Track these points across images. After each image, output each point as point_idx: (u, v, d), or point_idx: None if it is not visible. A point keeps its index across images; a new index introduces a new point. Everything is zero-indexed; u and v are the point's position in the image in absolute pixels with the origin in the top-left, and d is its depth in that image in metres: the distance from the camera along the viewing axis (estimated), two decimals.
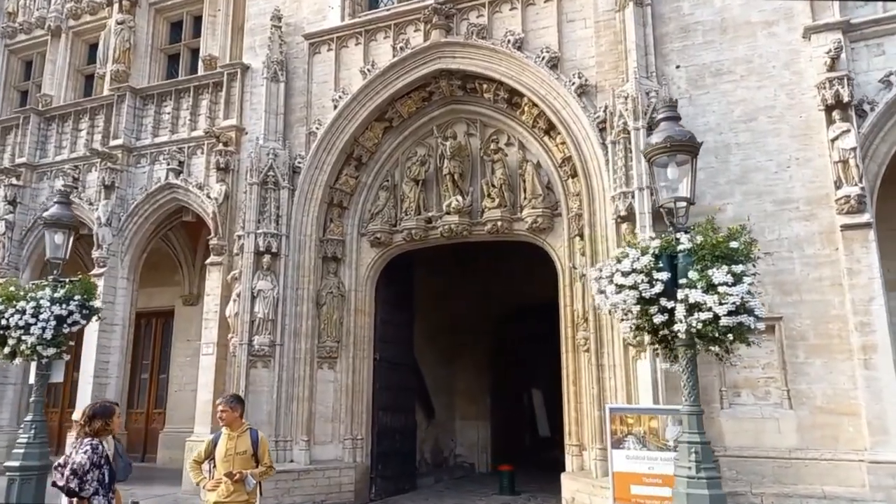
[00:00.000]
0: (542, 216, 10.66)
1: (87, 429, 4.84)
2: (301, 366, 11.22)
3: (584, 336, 9.73)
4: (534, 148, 11.14)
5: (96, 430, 4.84)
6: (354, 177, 12.06)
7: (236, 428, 5.77)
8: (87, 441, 4.77)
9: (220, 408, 5.77)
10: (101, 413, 4.92)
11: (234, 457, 5.65)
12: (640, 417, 8.01)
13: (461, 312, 17.01)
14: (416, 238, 11.56)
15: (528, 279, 16.43)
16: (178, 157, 13.12)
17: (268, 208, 11.45)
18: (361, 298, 11.84)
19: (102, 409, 4.97)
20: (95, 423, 4.85)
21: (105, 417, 4.91)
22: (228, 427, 5.75)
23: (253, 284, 11.08)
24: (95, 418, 4.87)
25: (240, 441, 5.69)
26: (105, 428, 4.90)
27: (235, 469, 5.53)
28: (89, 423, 4.84)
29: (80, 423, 4.93)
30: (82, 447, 4.72)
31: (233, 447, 5.67)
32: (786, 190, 8.87)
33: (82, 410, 5.09)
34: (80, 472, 4.59)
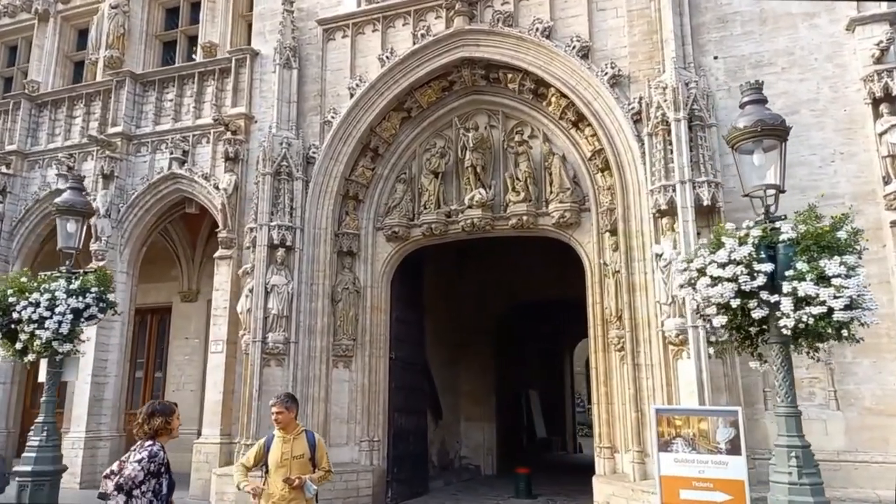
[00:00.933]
0: (570, 211, 10.32)
1: (145, 427, 4.35)
2: (316, 364, 10.73)
3: (617, 335, 9.41)
4: (559, 141, 10.79)
5: (156, 430, 4.35)
6: (371, 168, 11.59)
7: (291, 430, 5.32)
8: (147, 446, 4.28)
9: (274, 409, 5.31)
10: (161, 411, 4.43)
11: (291, 461, 5.21)
12: (689, 419, 7.67)
13: (464, 311, 16.64)
14: (436, 233, 11.14)
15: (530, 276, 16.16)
16: (182, 145, 12.53)
17: (281, 200, 10.93)
18: (377, 295, 11.39)
19: (162, 407, 4.48)
20: (155, 420, 4.36)
21: (165, 416, 4.42)
22: (283, 429, 5.29)
23: (267, 279, 10.56)
24: (155, 416, 4.38)
25: (296, 444, 5.24)
26: (165, 427, 4.41)
27: (293, 475, 5.08)
28: (148, 421, 4.35)
29: (138, 423, 4.43)
30: (138, 453, 4.23)
31: (289, 451, 5.22)
32: (831, 185, 8.63)
33: (140, 410, 4.60)
34: (128, 487, 4.09)
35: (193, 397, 14.17)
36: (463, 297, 16.48)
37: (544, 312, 18.90)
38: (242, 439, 10.14)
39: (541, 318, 19.36)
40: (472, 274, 16.48)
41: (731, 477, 7.42)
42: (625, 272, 9.33)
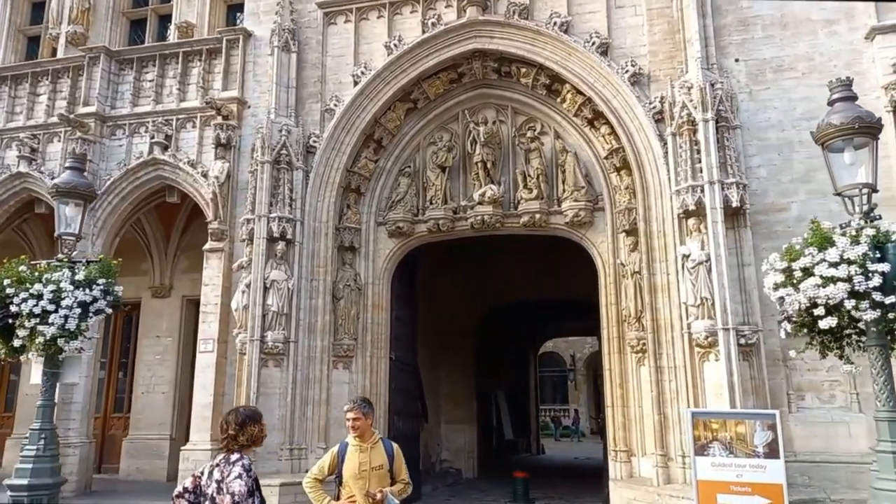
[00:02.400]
0: (585, 210, 10.11)
1: (241, 439, 3.80)
2: (317, 365, 10.14)
3: (637, 336, 9.25)
4: (572, 138, 10.58)
5: (253, 439, 3.81)
6: (373, 160, 11.08)
7: (368, 438, 4.83)
8: (238, 460, 3.73)
9: (351, 415, 4.81)
10: (253, 418, 3.90)
11: (370, 473, 4.73)
12: (726, 422, 7.56)
13: (447, 311, 16.26)
14: (443, 229, 10.73)
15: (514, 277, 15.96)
16: (165, 129, 11.64)
17: (281, 190, 10.28)
18: (378, 292, 10.87)
19: (253, 413, 3.94)
20: (251, 428, 3.82)
21: (258, 422, 3.90)
22: (359, 437, 4.79)
23: (266, 274, 9.90)
24: (248, 424, 3.84)
25: (374, 454, 4.76)
26: (261, 435, 3.88)
27: (371, 488, 4.59)
28: (242, 431, 3.80)
29: (229, 435, 3.87)
30: (234, 468, 3.68)
31: (366, 461, 4.74)
32: None
33: (225, 420, 4.02)
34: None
35: (165, 400, 13.24)
36: (446, 296, 16.09)
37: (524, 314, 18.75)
38: None
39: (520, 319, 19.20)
40: (457, 274, 16.10)
41: (770, 481, 7.35)
42: (646, 273, 9.20)
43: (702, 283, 8.40)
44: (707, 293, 8.34)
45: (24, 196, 12.35)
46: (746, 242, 8.60)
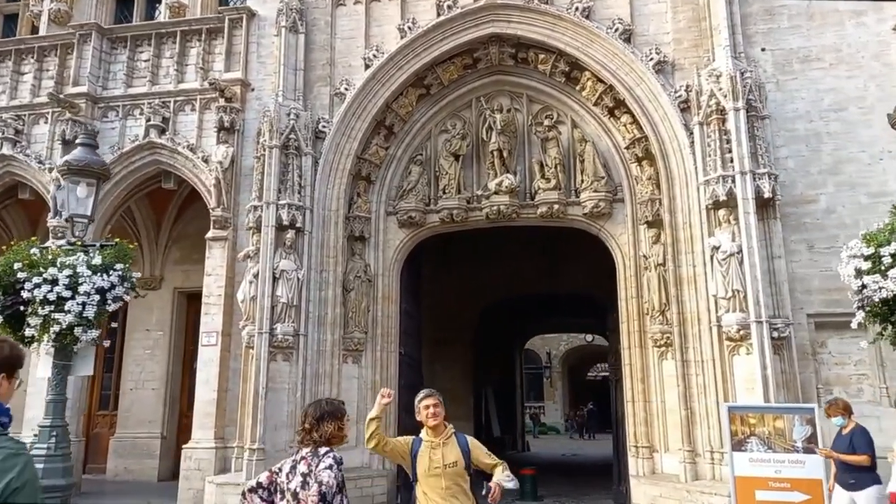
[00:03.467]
0: (604, 200, 9.87)
1: (314, 435, 3.42)
2: (326, 359, 9.71)
3: (661, 330, 9.03)
4: (590, 128, 10.33)
5: (328, 438, 3.43)
6: (384, 147, 10.68)
7: (440, 432, 4.38)
8: (328, 452, 3.35)
9: (430, 401, 4.34)
10: (333, 413, 3.51)
11: (444, 470, 4.25)
12: (764, 417, 7.39)
13: (445, 305, 15.92)
14: (457, 220, 10.39)
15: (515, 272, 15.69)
16: (162, 112, 11.06)
17: (290, 177, 9.81)
18: (388, 284, 10.48)
19: (333, 408, 3.56)
20: (326, 426, 3.44)
21: (338, 420, 3.51)
22: (433, 430, 4.40)
23: (275, 263, 9.42)
24: (325, 420, 3.46)
25: (447, 450, 4.31)
26: (339, 434, 3.50)
27: (447, 487, 4.22)
28: (317, 427, 3.43)
29: (304, 428, 3.48)
30: (324, 460, 3.30)
31: (439, 458, 4.25)
32: (880, 183, 8.66)
33: (304, 411, 3.63)
34: (330, 497, 3.19)
35: (155, 397, 12.64)
36: (445, 292, 15.74)
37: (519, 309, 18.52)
38: (247, 443, 8.98)
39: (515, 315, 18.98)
40: (455, 268, 15.78)
41: (809, 476, 7.18)
42: (671, 265, 8.99)
43: (733, 275, 8.21)
44: (739, 285, 8.16)
45: (6, 181, 11.65)
46: (776, 234, 8.45)
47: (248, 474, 8.80)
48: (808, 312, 8.48)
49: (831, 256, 8.58)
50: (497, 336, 20.41)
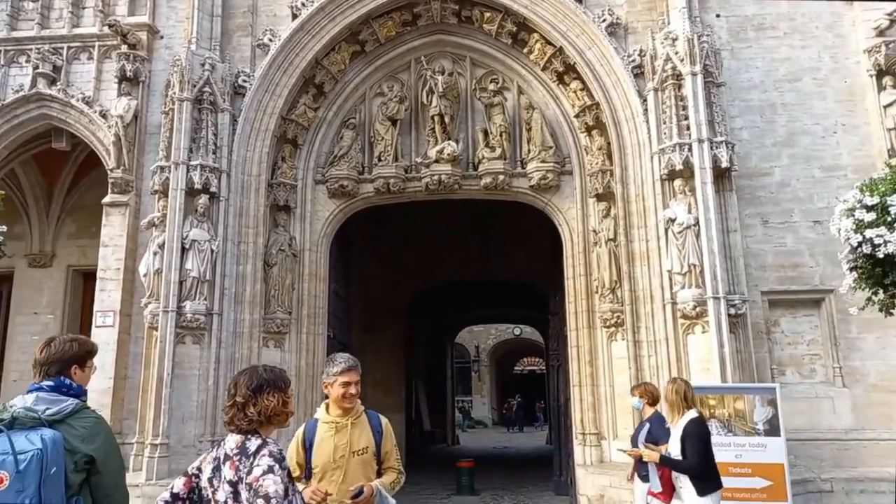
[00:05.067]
0: (552, 172, 9.21)
1: (251, 411, 2.48)
2: (244, 343, 8.60)
3: (612, 309, 8.45)
4: (537, 95, 9.65)
5: (269, 416, 2.48)
6: (313, 108, 9.63)
7: (350, 411, 3.41)
8: (261, 447, 2.40)
9: (349, 378, 3.36)
10: (274, 383, 2.56)
11: (349, 459, 3.33)
12: (724, 398, 6.93)
13: (376, 289, 14.94)
14: (393, 190, 9.47)
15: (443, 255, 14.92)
16: (53, 59, 9.57)
17: (203, 135, 8.63)
18: (316, 260, 9.45)
19: (274, 377, 2.60)
20: (268, 398, 2.51)
21: (281, 392, 2.56)
22: (341, 410, 3.39)
23: (184, 232, 8.23)
24: (266, 391, 2.51)
25: (356, 432, 3.37)
26: (283, 411, 2.55)
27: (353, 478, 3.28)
28: (254, 400, 2.49)
29: (234, 403, 2.50)
30: (258, 460, 2.35)
31: (345, 444, 3.33)
32: (833, 156, 8.40)
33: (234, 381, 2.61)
34: None
35: None
36: (375, 274, 14.78)
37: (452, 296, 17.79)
38: (148, 438, 7.78)
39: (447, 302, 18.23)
40: (384, 248, 14.81)
41: (770, 461, 6.77)
42: (623, 240, 8.43)
43: (689, 248, 7.72)
44: (695, 259, 7.67)
45: None
46: (732, 207, 8.03)
47: (149, 474, 7.63)
48: (763, 290, 8.11)
49: (785, 231, 8.28)
50: (428, 325, 19.65)
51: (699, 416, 4.80)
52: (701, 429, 4.70)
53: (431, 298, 17.43)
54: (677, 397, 4.86)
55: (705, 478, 4.64)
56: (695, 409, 4.87)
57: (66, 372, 2.66)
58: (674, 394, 4.89)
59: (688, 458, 4.63)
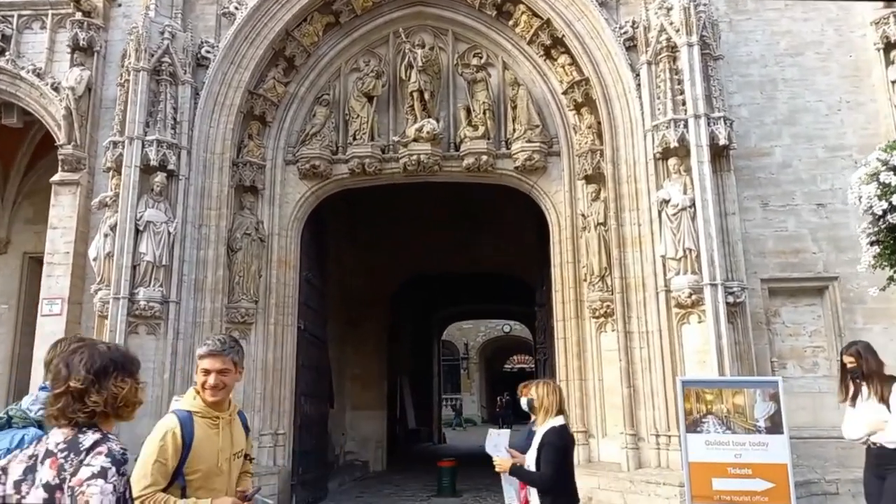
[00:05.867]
0: (538, 153, 8.63)
1: (92, 400, 1.89)
2: (205, 333, 7.90)
3: (601, 298, 7.88)
4: (523, 70, 9.06)
5: (118, 406, 1.89)
6: (284, 83, 8.99)
7: (225, 406, 2.85)
8: (99, 443, 1.81)
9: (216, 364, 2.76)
10: (123, 365, 1.96)
11: (231, 463, 2.80)
12: (722, 392, 6.34)
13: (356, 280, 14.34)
14: (369, 170, 8.86)
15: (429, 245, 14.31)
16: (2, 28, 8.88)
17: (161, 108, 7.98)
18: (285, 246, 8.83)
19: (121, 357, 2.00)
20: (116, 384, 1.92)
21: (132, 376, 1.96)
22: (216, 405, 2.79)
23: (138, 213, 7.57)
24: (112, 374, 1.92)
25: (234, 431, 2.87)
26: (133, 401, 1.95)
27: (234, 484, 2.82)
28: (97, 386, 1.89)
29: (67, 390, 1.88)
30: (91, 459, 1.76)
31: (228, 446, 2.79)
32: (838, 135, 7.87)
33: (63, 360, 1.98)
34: None
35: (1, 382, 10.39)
36: (354, 262, 14.16)
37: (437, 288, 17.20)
38: None
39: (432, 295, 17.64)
40: (366, 234, 14.18)
41: (773, 461, 6.19)
42: (613, 224, 7.86)
43: (685, 232, 7.16)
44: (691, 244, 7.11)
45: None
46: (730, 189, 7.47)
47: None
48: (762, 277, 7.57)
49: (787, 215, 7.74)
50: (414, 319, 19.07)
51: (563, 426, 4.10)
52: (560, 439, 4.01)
53: (416, 290, 16.84)
54: (553, 398, 4.17)
55: (555, 493, 3.99)
56: (562, 416, 4.18)
57: None
58: (551, 394, 4.18)
59: (539, 470, 4.00)
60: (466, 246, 13.95)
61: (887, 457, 4.63)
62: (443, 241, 14.02)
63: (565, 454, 4.07)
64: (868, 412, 4.73)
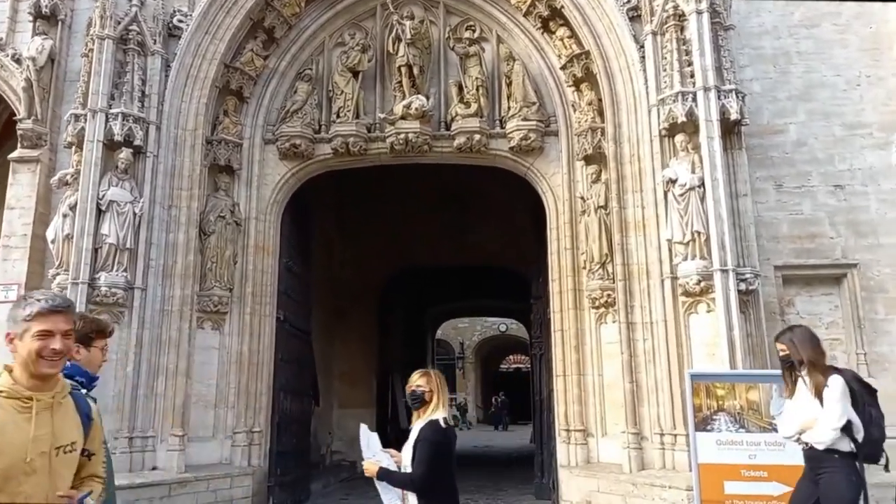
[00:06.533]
0: (535, 132, 8.06)
1: None
2: (173, 322, 7.37)
3: (602, 287, 7.31)
4: (518, 45, 8.50)
5: None
6: (263, 56, 8.41)
7: (52, 385, 2.21)
8: None
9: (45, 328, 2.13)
10: None
11: (51, 458, 2.13)
12: (735, 387, 5.78)
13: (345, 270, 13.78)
14: (353, 150, 8.28)
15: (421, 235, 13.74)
16: None
17: (128, 79, 7.39)
18: (264, 231, 8.25)
19: None
20: None
21: None
22: (38, 379, 2.15)
23: (100, 191, 6.98)
24: None
25: (60, 419, 2.18)
26: None
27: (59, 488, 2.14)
28: None
29: None
30: None
31: (48, 434, 2.12)
32: (856, 112, 7.33)
33: None
34: None
35: None
36: (342, 252, 13.59)
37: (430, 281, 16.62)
38: None
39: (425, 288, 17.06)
40: (357, 223, 13.59)
41: (791, 462, 5.60)
42: (615, 207, 7.30)
43: (693, 213, 6.60)
44: (700, 226, 6.55)
45: None
46: (742, 168, 6.91)
47: None
48: (776, 264, 7.02)
49: (802, 197, 7.19)
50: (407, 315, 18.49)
51: (441, 420, 3.47)
52: (437, 434, 3.42)
53: (408, 283, 16.26)
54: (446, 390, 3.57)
55: (431, 496, 3.43)
56: (444, 409, 3.60)
57: None
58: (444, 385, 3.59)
59: (412, 469, 3.45)
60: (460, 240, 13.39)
61: (817, 459, 3.90)
62: (434, 232, 13.46)
63: (444, 452, 3.46)
64: (800, 408, 4.05)
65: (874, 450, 3.90)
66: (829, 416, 3.79)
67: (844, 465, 3.84)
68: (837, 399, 3.78)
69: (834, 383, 3.84)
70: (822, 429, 3.83)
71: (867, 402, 3.91)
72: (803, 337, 4.09)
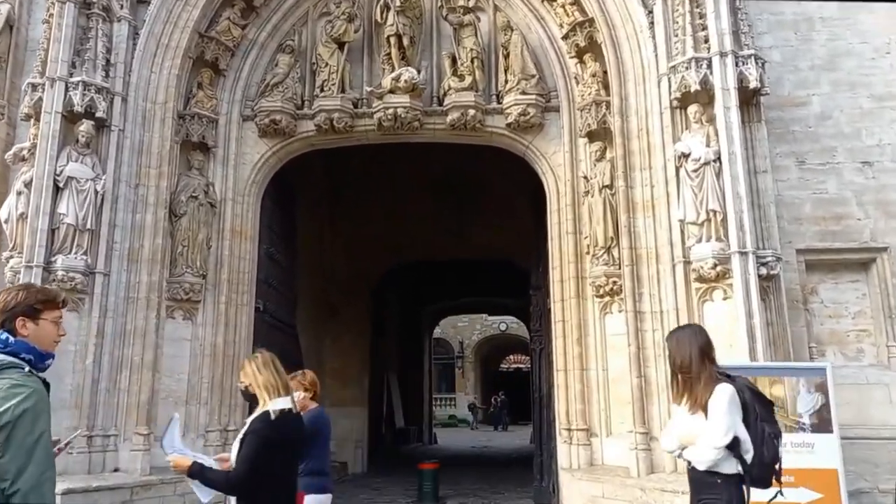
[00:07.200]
0: (534, 106, 7.45)
1: None
2: (139, 311, 6.76)
3: (607, 273, 6.70)
4: (518, 13, 7.90)
5: None
6: (240, 26, 7.80)
7: None
8: None
9: None
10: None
11: None
12: (758, 381, 5.13)
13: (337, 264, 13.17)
14: (338, 127, 7.67)
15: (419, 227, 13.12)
16: None
17: (91, 46, 6.79)
18: (242, 214, 7.64)
19: None
20: None
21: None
22: None
23: (58, 167, 6.38)
24: None
25: None
26: None
27: None
28: None
29: None
30: None
31: None
32: (886, 83, 6.73)
33: None
34: None
35: None
36: (336, 244, 12.98)
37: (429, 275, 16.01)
38: None
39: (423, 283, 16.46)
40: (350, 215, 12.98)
41: (820, 465, 5.07)
42: (622, 186, 6.69)
43: (708, 191, 6.00)
44: (716, 205, 5.94)
45: None
46: (761, 143, 6.31)
47: None
48: (798, 247, 6.40)
49: (826, 175, 6.57)
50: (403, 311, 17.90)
51: (272, 413, 2.89)
52: (266, 428, 2.87)
53: (403, 278, 15.66)
54: (268, 372, 2.98)
55: (252, 497, 2.90)
56: (282, 397, 2.96)
57: (10, 325, 2.23)
58: (263, 368, 3.00)
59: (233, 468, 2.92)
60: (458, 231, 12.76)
61: (698, 481, 3.18)
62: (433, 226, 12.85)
63: (271, 446, 2.84)
64: (682, 420, 3.24)
65: (764, 473, 3.10)
66: (713, 431, 3.04)
67: (726, 491, 3.07)
68: (724, 412, 3.03)
69: (721, 393, 3.06)
70: (703, 446, 3.09)
71: (761, 416, 3.07)
72: (693, 337, 3.27)
